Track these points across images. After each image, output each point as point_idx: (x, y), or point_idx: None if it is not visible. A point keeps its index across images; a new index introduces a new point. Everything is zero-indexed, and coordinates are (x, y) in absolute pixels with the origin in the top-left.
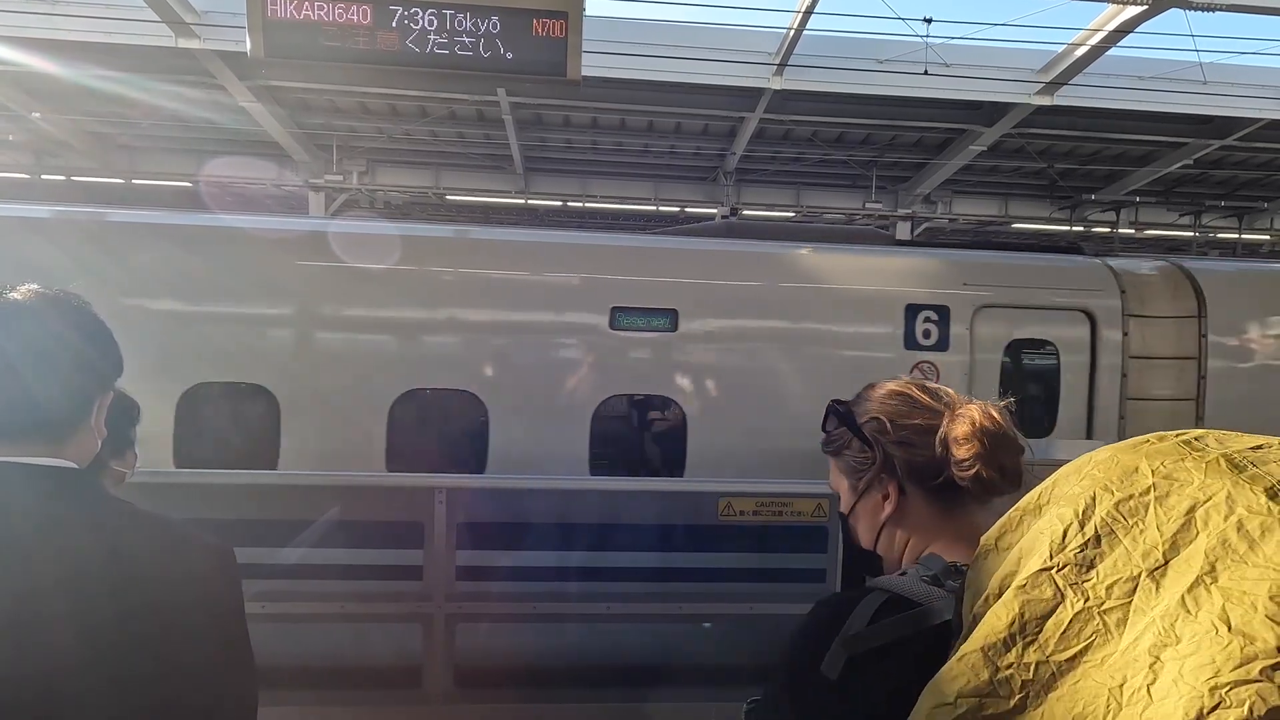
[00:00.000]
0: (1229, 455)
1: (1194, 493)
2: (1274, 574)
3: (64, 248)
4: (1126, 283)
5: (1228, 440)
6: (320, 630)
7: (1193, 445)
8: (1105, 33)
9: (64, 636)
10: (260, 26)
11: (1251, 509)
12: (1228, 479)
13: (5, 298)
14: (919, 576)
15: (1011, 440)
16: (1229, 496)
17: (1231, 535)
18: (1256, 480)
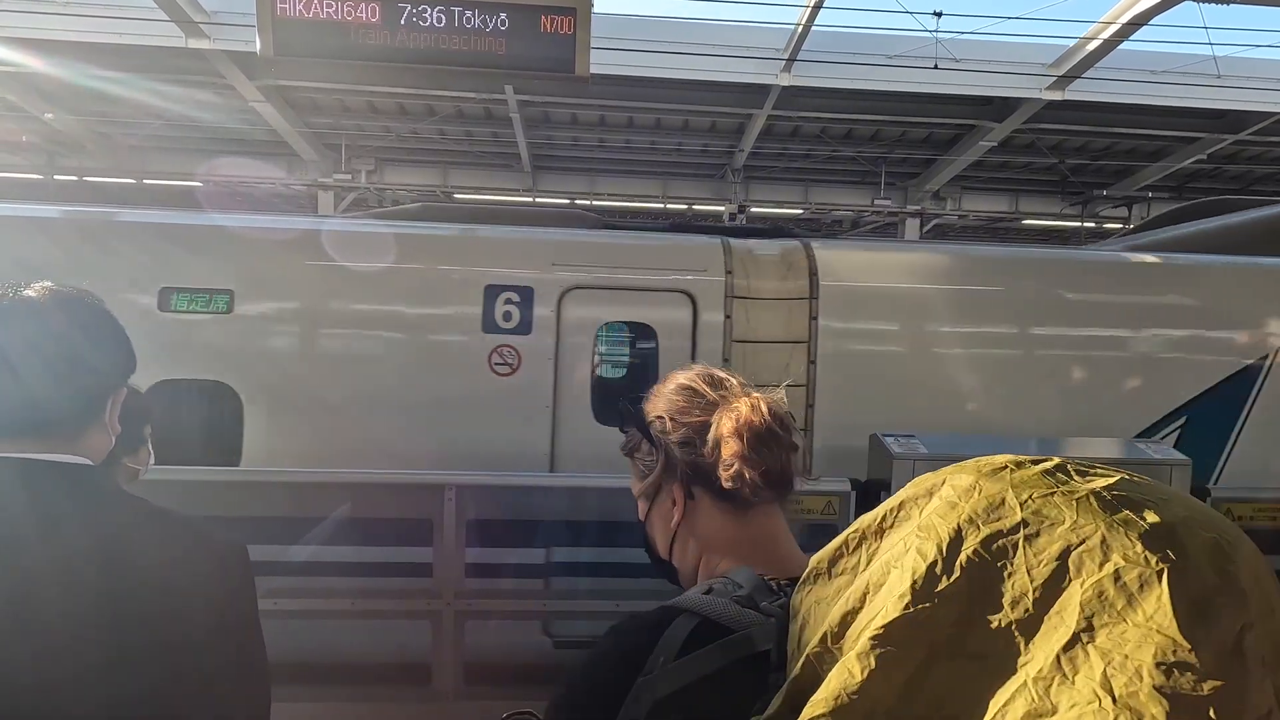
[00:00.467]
0: (1097, 493)
1: (1066, 534)
2: (1159, 637)
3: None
4: (736, 262)
5: (1093, 473)
6: (330, 627)
7: (1057, 477)
8: (1118, 26)
9: (61, 636)
10: (270, 25)
11: (1128, 558)
12: (1100, 520)
13: (20, 295)
14: (730, 595)
15: (779, 438)
16: (1104, 542)
17: (1109, 588)
18: (1130, 525)
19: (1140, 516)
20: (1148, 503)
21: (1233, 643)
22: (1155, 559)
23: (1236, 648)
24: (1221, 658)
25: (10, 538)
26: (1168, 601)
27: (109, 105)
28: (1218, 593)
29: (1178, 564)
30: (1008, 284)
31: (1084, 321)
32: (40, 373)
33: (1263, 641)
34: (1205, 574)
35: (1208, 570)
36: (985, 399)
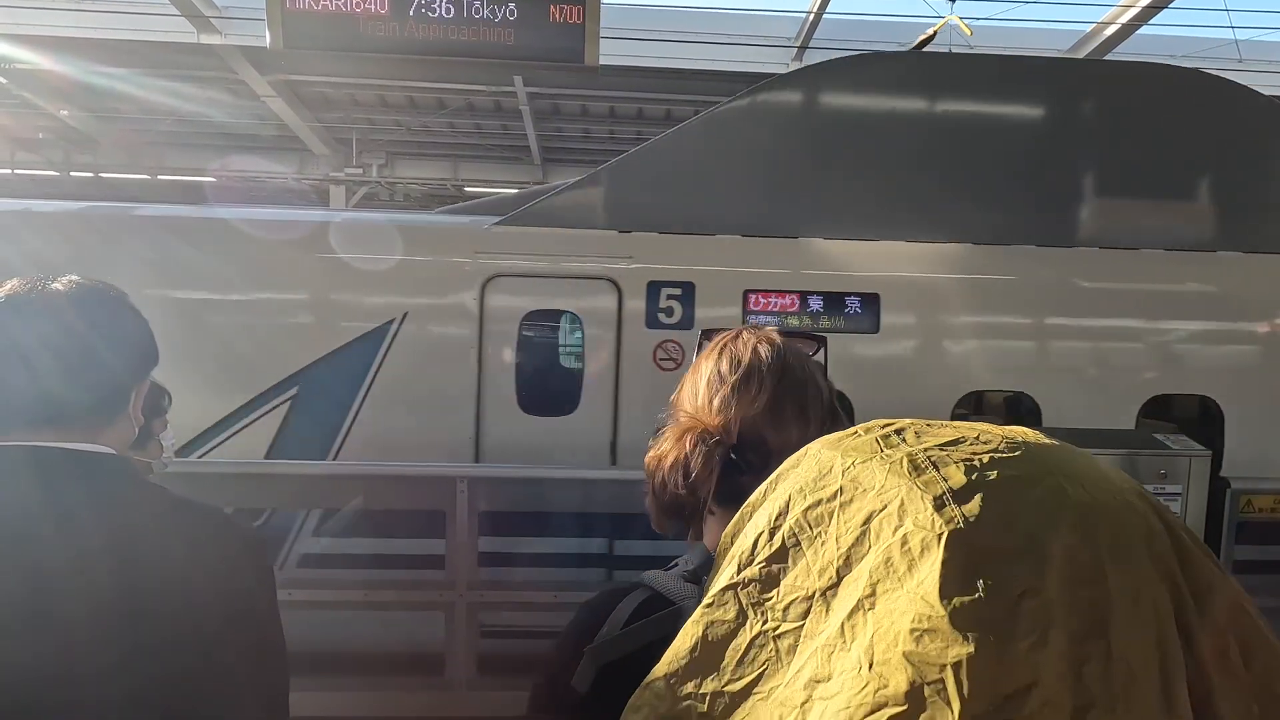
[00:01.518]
0: (912, 454)
1: (873, 500)
2: (921, 603)
3: None
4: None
5: (926, 434)
6: (345, 617)
7: (888, 440)
8: (1137, 10)
9: (79, 627)
10: (280, 19)
11: (918, 522)
12: (904, 484)
13: (48, 289)
14: (682, 571)
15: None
16: (901, 505)
17: (895, 553)
18: (929, 487)
19: (945, 477)
20: (973, 463)
21: (1001, 611)
22: (940, 522)
23: (1005, 616)
24: (982, 625)
25: (30, 526)
26: (938, 566)
27: (122, 102)
28: (1002, 558)
29: (963, 528)
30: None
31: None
32: (66, 364)
33: (1056, 611)
34: (995, 537)
35: (1003, 534)
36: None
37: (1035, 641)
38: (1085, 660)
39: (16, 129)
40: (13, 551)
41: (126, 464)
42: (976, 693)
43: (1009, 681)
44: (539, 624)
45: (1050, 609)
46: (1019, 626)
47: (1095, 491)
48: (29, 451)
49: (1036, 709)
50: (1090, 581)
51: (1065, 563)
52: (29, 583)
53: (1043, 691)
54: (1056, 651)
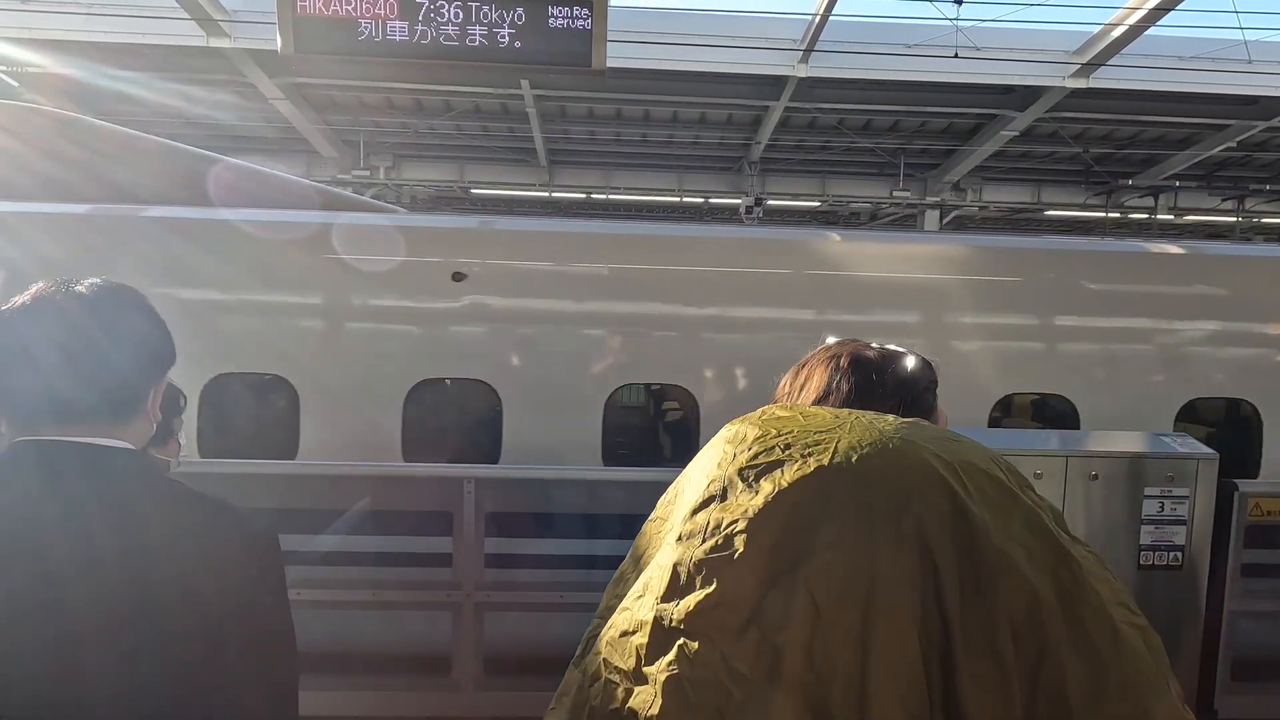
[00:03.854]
0: (743, 425)
1: (706, 449)
2: (675, 523)
3: None
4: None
5: (777, 411)
6: (352, 617)
7: (751, 415)
8: (1144, 12)
9: (84, 619)
10: (290, 23)
11: (704, 469)
12: (720, 442)
13: (71, 290)
14: None
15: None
16: (709, 455)
17: (688, 488)
18: (724, 445)
19: (741, 440)
20: (769, 432)
21: (712, 536)
22: (715, 470)
23: (712, 539)
24: (691, 543)
25: (41, 518)
26: (695, 499)
27: (132, 105)
28: (735, 499)
29: (722, 476)
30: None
31: None
32: (89, 363)
33: (759, 542)
34: (739, 485)
35: (745, 484)
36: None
37: (723, 560)
38: (770, 588)
39: None
40: (23, 543)
41: (144, 459)
42: (669, 588)
43: (690, 586)
44: (545, 624)
45: (752, 540)
46: (714, 548)
47: (859, 477)
48: (50, 446)
49: (708, 607)
50: (800, 531)
51: (785, 513)
52: (37, 575)
53: (716, 597)
54: (744, 573)
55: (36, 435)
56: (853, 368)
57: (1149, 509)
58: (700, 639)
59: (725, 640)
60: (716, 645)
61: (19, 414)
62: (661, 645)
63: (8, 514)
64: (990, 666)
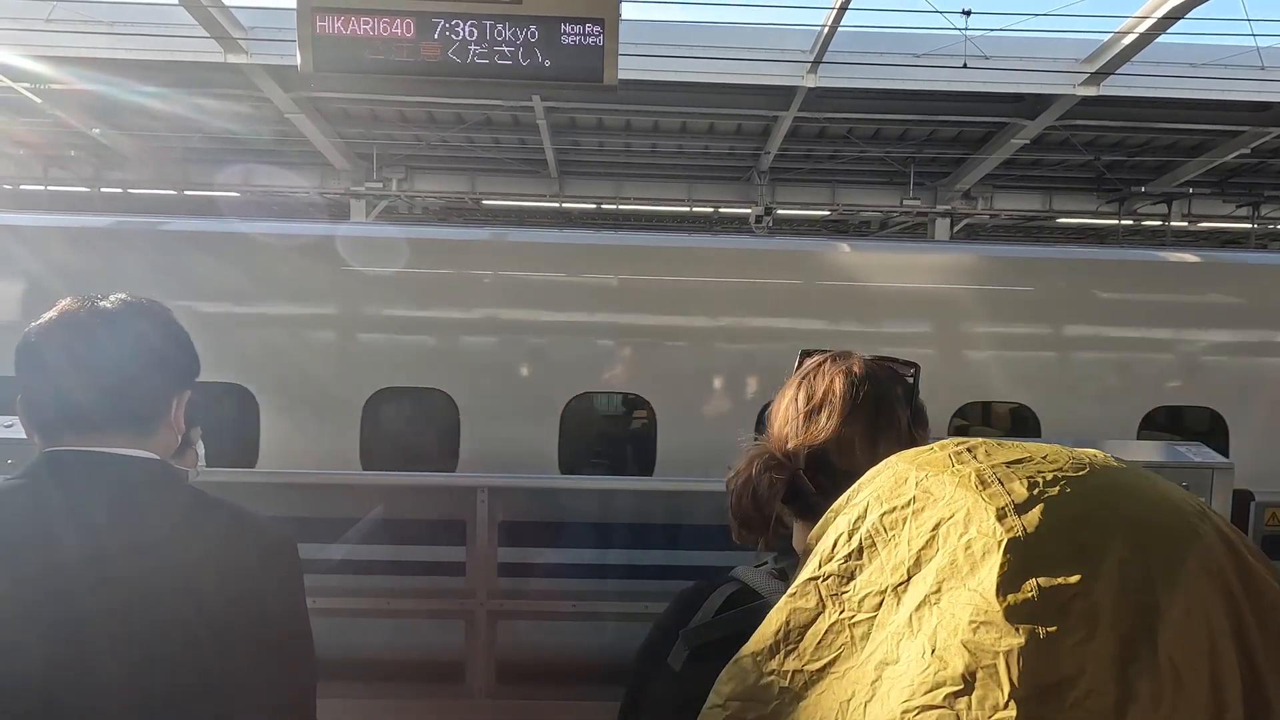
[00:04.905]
0: (980, 470)
1: (943, 509)
2: (979, 599)
3: None
4: None
5: (995, 453)
6: (364, 625)
7: (960, 457)
8: (1154, 19)
9: (97, 624)
10: (310, 42)
11: (981, 530)
12: (971, 496)
13: (97, 305)
14: (771, 569)
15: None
16: (968, 514)
17: (960, 556)
18: (994, 499)
19: (1008, 492)
20: (1036, 479)
21: (1051, 609)
22: (1001, 530)
23: (1055, 614)
24: (1030, 620)
25: (59, 527)
26: (996, 568)
27: (151, 119)
28: (1055, 564)
29: (1020, 536)
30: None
31: None
32: (113, 375)
33: (1104, 614)
34: (1050, 546)
35: (1057, 543)
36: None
37: (1082, 638)
38: (1131, 661)
39: (50, 147)
40: (48, 552)
41: (166, 469)
42: (1025, 677)
43: (1055, 670)
44: (557, 633)
45: (1098, 611)
46: (1067, 624)
47: (1152, 510)
48: (77, 456)
49: (1080, 696)
50: (1139, 590)
51: (1116, 572)
52: (58, 583)
53: (1087, 682)
54: (1103, 649)
55: (65, 446)
56: (869, 377)
57: None
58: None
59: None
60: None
61: (48, 425)
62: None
63: (35, 523)
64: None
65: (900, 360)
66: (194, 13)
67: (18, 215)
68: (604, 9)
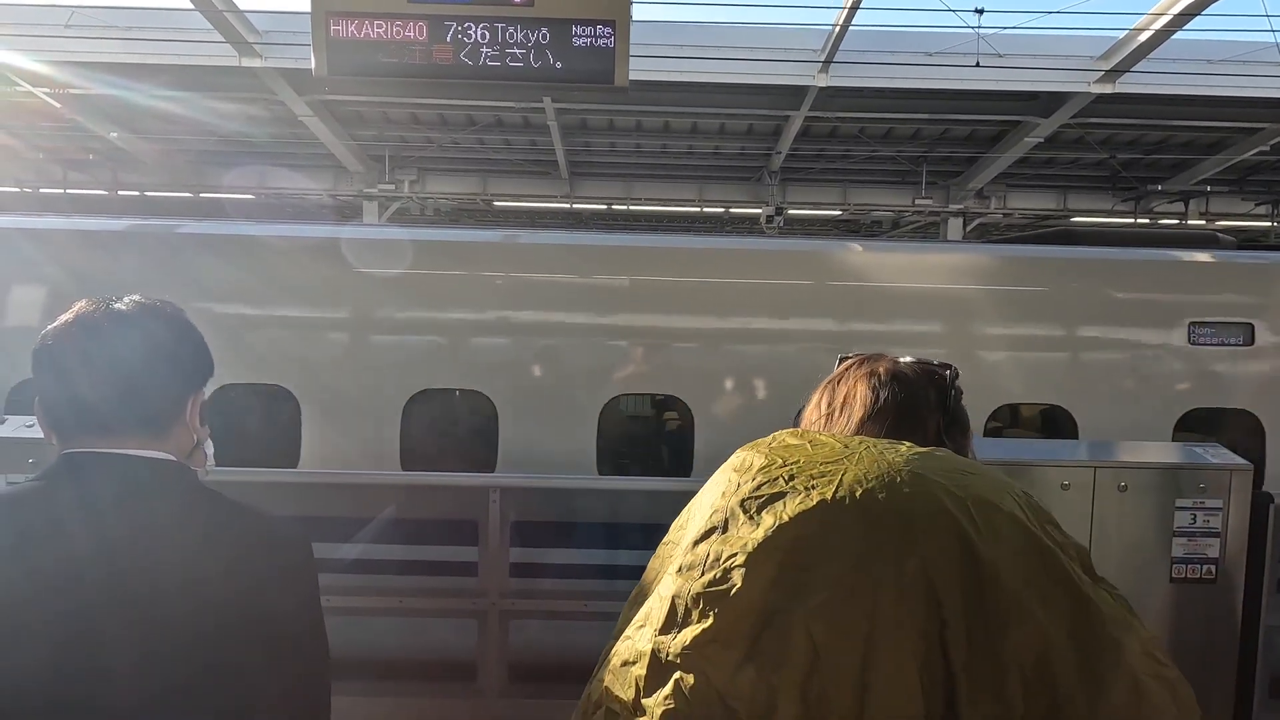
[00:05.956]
0: (749, 453)
1: (715, 477)
2: (679, 552)
3: None
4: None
5: (786, 439)
6: (377, 625)
7: (759, 443)
8: (1170, 16)
9: (106, 622)
10: (324, 46)
11: (710, 498)
12: (727, 469)
13: (110, 308)
14: None
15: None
16: (714, 483)
17: (694, 516)
18: (731, 473)
19: (745, 470)
20: (775, 461)
21: (711, 568)
22: (719, 500)
23: (711, 571)
24: (690, 574)
25: (85, 528)
26: (698, 529)
27: (168, 123)
28: (735, 534)
29: (725, 506)
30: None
31: None
32: (131, 375)
33: (755, 580)
34: (740, 517)
35: (747, 516)
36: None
37: (720, 594)
38: (765, 627)
39: (69, 150)
40: (65, 553)
41: (180, 469)
42: (668, 620)
43: (687, 618)
44: (568, 632)
45: (749, 576)
46: (712, 580)
47: (863, 518)
48: (94, 458)
49: (703, 642)
50: (799, 569)
51: (783, 550)
52: (71, 581)
53: (712, 632)
54: (740, 610)
55: (81, 447)
56: (894, 380)
57: (1181, 520)
58: (696, 674)
59: (721, 677)
60: (712, 682)
61: (65, 427)
62: (659, 679)
63: (50, 523)
64: (996, 716)
65: (937, 363)
66: (209, 17)
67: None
68: (615, 10)
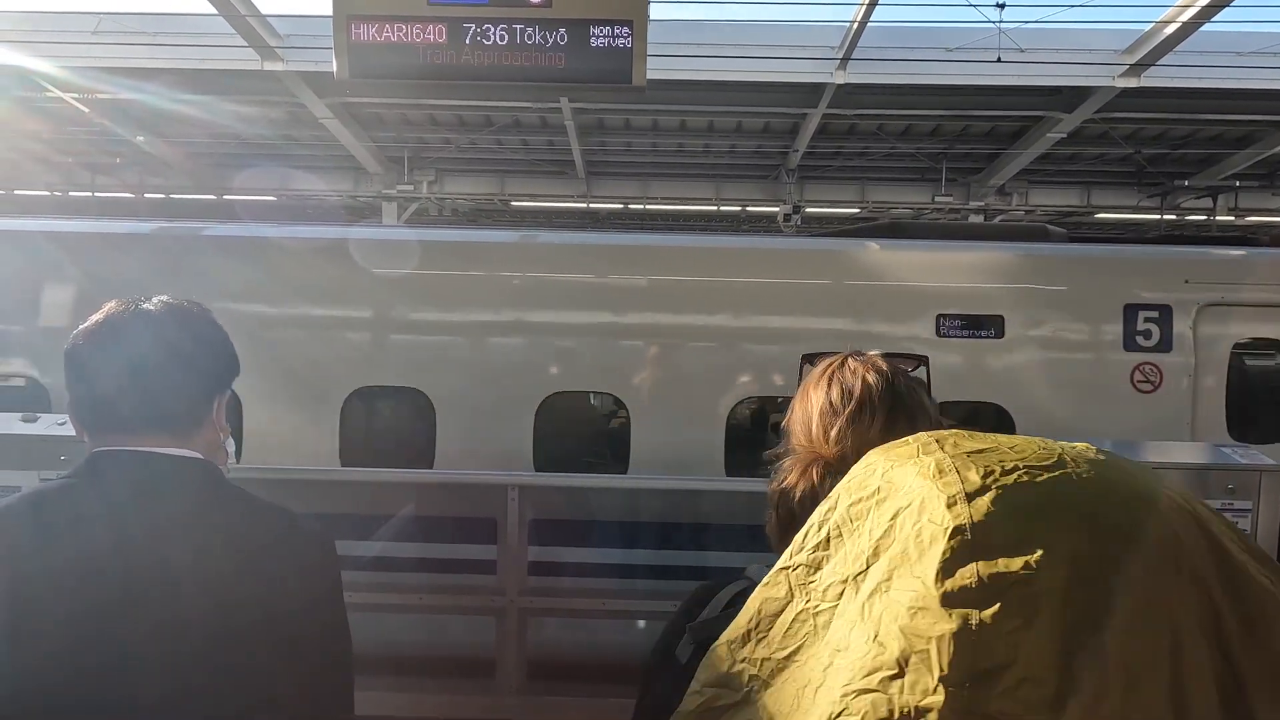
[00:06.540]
0: (940, 460)
1: (901, 498)
2: (919, 585)
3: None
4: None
5: (963, 443)
6: (397, 621)
7: (928, 447)
8: (1198, 7)
9: (167, 614)
10: (345, 49)
11: (932, 518)
12: (928, 485)
13: (140, 308)
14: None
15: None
16: (922, 503)
17: (910, 544)
18: (947, 488)
19: (963, 480)
20: (992, 469)
21: (987, 596)
22: (949, 518)
23: (989, 600)
24: (964, 607)
25: (115, 526)
26: (938, 556)
27: (191, 127)
28: (998, 551)
29: (966, 523)
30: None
31: None
32: (158, 375)
33: (1047, 602)
34: (995, 534)
35: (1003, 531)
36: None
37: (1018, 626)
38: (1075, 651)
39: (96, 154)
40: (96, 551)
41: (208, 467)
42: (956, 663)
43: (986, 657)
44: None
45: (1038, 599)
46: (1004, 612)
47: (1116, 505)
48: (123, 456)
49: (1012, 684)
50: (1090, 583)
51: (1066, 563)
52: (123, 574)
53: (1020, 669)
54: (1043, 638)
55: (111, 446)
56: (895, 373)
57: None
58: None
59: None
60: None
61: (95, 426)
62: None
63: (78, 521)
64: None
65: (906, 355)
66: (233, 22)
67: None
68: (633, 10)
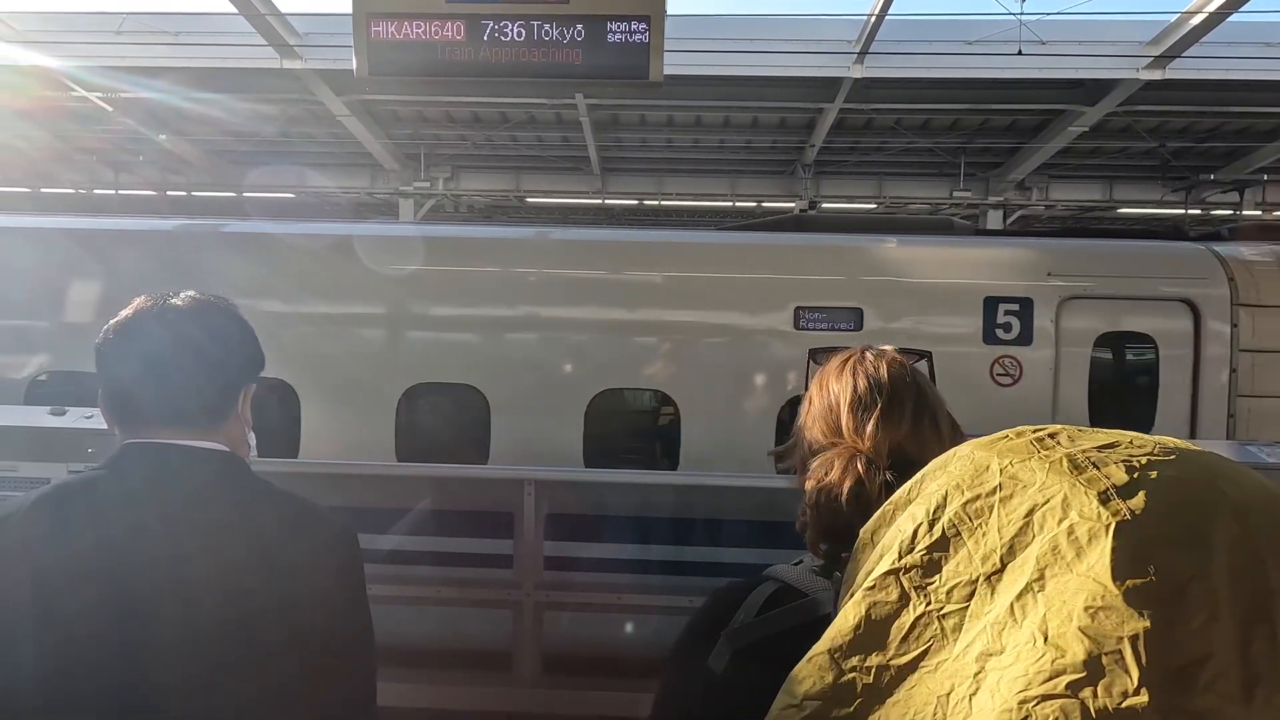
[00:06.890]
0: (1072, 455)
1: (1035, 495)
2: (1093, 584)
3: None
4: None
5: (1079, 438)
6: (416, 612)
7: (1043, 443)
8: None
9: (208, 603)
10: (365, 48)
11: (1083, 514)
12: (1067, 481)
13: (168, 303)
14: (810, 566)
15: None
16: (1065, 500)
17: (1062, 541)
18: (1093, 483)
19: (1107, 476)
20: (1132, 464)
21: (1171, 591)
22: (1107, 514)
23: (1175, 596)
24: (1152, 604)
25: (146, 517)
26: (1108, 552)
27: (211, 126)
28: (1168, 547)
29: (1129, 519)
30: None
31: None
32: (186, 369)
33: (1222, 595)
34: (1161, 528)
35: (1168, 525)
36: None
37: (1206, 619)
38: (1250, 641)
39: (119, 153)
40: (125, 541)
41: (234, 460)
42: (1154, 661)
43: (1183, 653)
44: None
45: (1216, 591)
46: (1189, 606)
47: (1251, 492)
48: (152, 449)
49: (1210, 680)
50: (1252, 571)
51: (1228, 553)
52: (166, 564)
53: (1216, 664)
54: (1227, 629)
55: (140, 438)
56: (913, 370)
57: None
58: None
59: (1238, 712)
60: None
61: (124, 419)
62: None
63: (104, 511)
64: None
65: (912, 350)
66: (252, 21)
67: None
68: (650, 6)
